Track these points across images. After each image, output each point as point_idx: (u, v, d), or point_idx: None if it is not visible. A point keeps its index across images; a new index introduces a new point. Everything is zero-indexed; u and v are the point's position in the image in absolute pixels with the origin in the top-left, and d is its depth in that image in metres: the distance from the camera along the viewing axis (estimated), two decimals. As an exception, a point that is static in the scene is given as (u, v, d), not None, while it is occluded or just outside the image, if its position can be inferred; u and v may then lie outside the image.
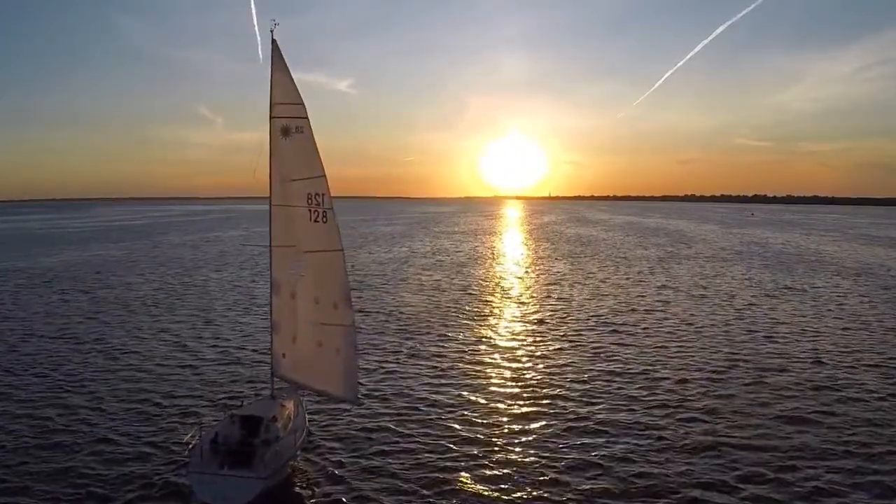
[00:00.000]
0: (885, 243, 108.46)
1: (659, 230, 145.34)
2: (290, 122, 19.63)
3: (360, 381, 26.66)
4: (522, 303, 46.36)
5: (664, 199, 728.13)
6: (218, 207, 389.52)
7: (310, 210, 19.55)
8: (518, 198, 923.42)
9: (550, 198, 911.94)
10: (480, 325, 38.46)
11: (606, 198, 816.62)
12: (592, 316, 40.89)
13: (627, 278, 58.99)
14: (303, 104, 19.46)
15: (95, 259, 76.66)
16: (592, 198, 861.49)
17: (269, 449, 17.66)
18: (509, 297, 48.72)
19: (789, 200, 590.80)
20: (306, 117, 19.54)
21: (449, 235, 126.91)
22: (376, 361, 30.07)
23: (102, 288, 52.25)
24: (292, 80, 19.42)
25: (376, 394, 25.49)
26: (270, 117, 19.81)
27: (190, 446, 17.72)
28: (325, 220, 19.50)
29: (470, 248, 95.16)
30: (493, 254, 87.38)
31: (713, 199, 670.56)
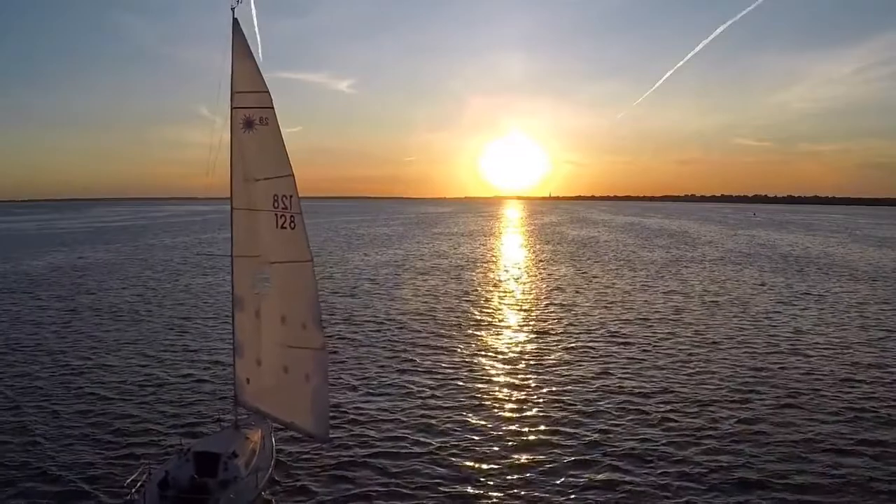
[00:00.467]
0: (895, 245, 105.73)
1: (662, 231, 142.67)
2: (253, 112, 16.98)
3: (342, 403, 24.08)
4: (524, 311, 43.63)
5: (664, 199, 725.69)
6: (217, 208, 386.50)
7: (276, 214, 16.93)
8: (518, 198, 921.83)
9: (551, 198, 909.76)
10: (478, 338, 35.73)
11: (606, 198, 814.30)
12: (600, 327, 38.13)
13: (634, 284, 56.21)
14: (268, 92, 16.82)
15: (81, 262, 73.98)
16: (592, 198, 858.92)
17: (226, 492, 15.07)
18: (510, 306, 46.00)
19: (789, 201, 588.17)
20: (272, 107, 16.91)
21: (447, 237, 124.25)
22: (361, 379, 27.34)
23: (80, 294, 49.54)
24: (256, 64, 16.80)
25: (361, 419, 22.70)
26: (231, 108, 17.20)
27: (135, 488, 15.15)
28: (292, 226, 16.87)
29: (468, 251, 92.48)
30: (493, 257, 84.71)
31: (713, 199, 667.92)
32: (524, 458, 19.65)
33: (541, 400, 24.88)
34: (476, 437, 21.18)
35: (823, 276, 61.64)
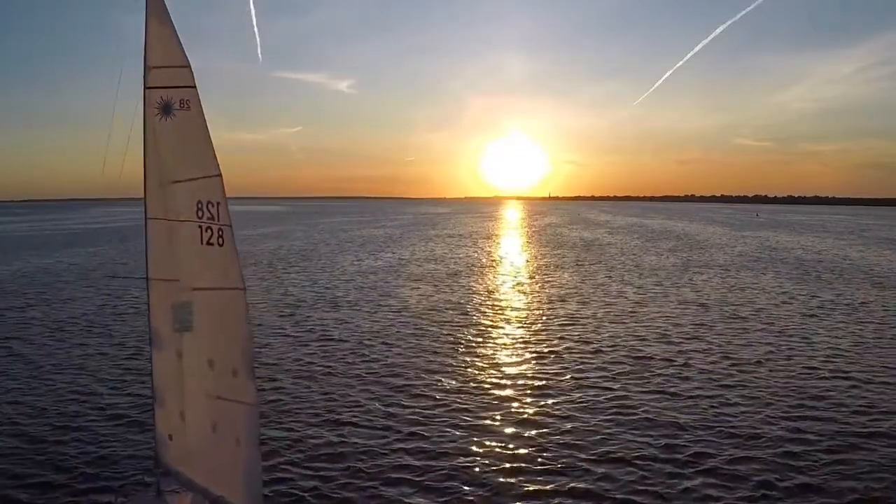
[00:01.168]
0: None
1: (666, 233, 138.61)
2: (171, 93, 12.91)
3: (304, 443, 20.11)
4: (526, 325, 39.47)
5: (665, 199, 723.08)
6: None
7: (200, 227, 12.90)
8: (518, 198, 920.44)
9: (551, 198, 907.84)
10: (475, 357, 31.56)
11: (607, 198, 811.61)
12: (613, 344, 33.87)
13: (645, 293, 51.94)
14: (189, 67, 12.73)
15: (56, 267, 69.82)
16: (592, 198, 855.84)
17: None
18: (510, 319, 41.88)
19: (790, 201, 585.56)
20: (194, 86, 12.82)
21: (445, 239, 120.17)
22: (331, 412, 23.16)
23: (38, 304, 45.36)
24: (175, 33, 12.64)
25: (329, 468, 18.60)
26: (144, 87, 13.13)
27: None
28: (220, 242, 12.80)
29: (466, 255, 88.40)
30: (492, 261, 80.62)
31: (713, 199, 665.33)
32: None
33: (549, 441, 20.75)
34: (467, 493, 17.11)
35: (846, 284, 57.46)
